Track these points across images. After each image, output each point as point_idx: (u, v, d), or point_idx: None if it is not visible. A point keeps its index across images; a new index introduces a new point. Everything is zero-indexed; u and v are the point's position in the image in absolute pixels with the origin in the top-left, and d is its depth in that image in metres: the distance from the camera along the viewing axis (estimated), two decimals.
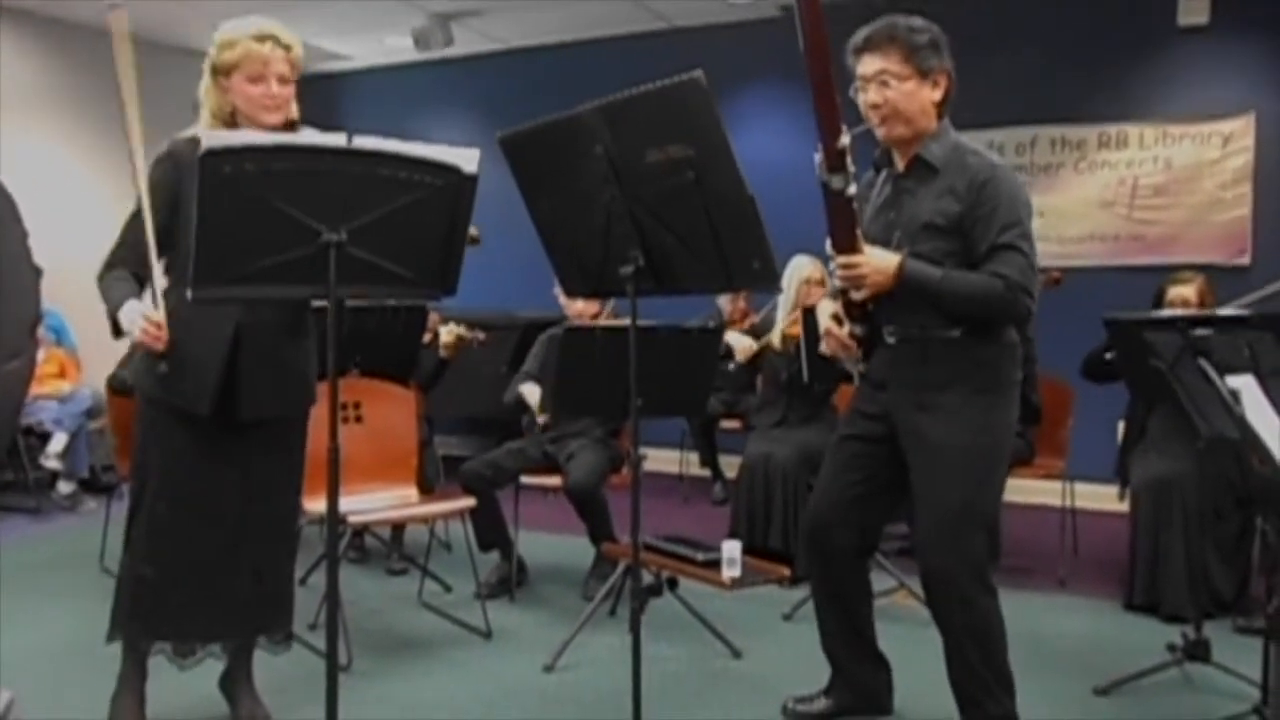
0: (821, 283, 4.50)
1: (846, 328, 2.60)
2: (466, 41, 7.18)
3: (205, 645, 2.61)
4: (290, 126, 2.49)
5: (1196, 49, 5.70)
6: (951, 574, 2.46)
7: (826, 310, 2.69)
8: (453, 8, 6.58)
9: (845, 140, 2.29)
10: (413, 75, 7.95)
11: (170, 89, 2.52)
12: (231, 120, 2.47)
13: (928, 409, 2.47)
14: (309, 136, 2.26)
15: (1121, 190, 5.88)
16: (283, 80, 2.44)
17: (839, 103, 2.27)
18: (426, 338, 4.26)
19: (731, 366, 4.63)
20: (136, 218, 2.42)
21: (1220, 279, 4.32)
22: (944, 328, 2.45)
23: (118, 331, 2.39)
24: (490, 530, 4.02)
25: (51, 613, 3.71)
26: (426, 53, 7.11)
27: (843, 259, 2.42)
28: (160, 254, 2.42)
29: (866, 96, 2.46)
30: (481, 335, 4.32)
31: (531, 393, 3.98)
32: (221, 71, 2.44)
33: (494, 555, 4.09)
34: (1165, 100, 5.76)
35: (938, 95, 2.47)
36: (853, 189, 2.36)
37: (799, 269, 4.46)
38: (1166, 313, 3.60)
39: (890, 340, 2.57)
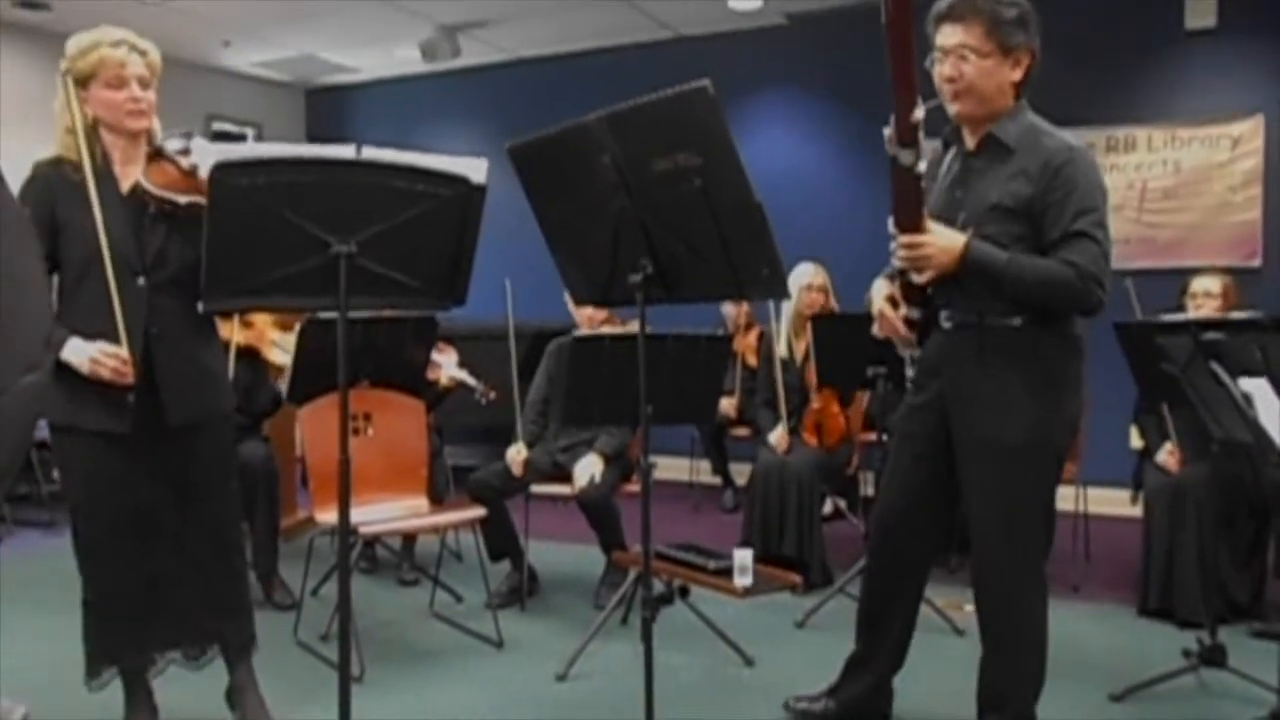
0: (823, 289, 4.49)
1: (902, 311, 2.50)
2: (474, 52, 7.21)
3: (163, 654, 2.60)
4: (149, 135, 2.46)
5: (1204, 52, 5.69)
6: (1006, 565, 2.40)
7: (881, 291, 2.57)
8: (460, 19, 6.61)
9: (919, 114, 2.16)
10: (420, 87, 7.99)
11: (177, 103, 2.54)
12: (93, 133, 2.41)
13: (982, 399, 2.37)
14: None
15: (1130, 194, 5.87)
16: (143, 84, 2.41)
17: (916, 74, 2.14)
18: (431, 373, 4.27)
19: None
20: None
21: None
22: (1004, 315, 2.34)
23: (60, 368, 2.37)
24: (501, 540, 4.02)
25: (64, 627, 3.69)
26: (434, 64, 7.15)
27: (906, 238, 2.31)
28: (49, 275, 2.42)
29: (942, 69, 2.34)
30: (493, 394, 4.35)
31: (515, 458, 3.98)
32: (79, 82, 2.39)
33: (505, 565, 4.09)
34: (1174, 103, 5.75)
35: (1018, 75, 2.36)
36: (922, 166, 2.24)
37: (799, 276, 4.45)
38: (1178, 316, 3.59)
39: (946, 325, 2.46)
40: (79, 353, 2.34)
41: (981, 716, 2.50)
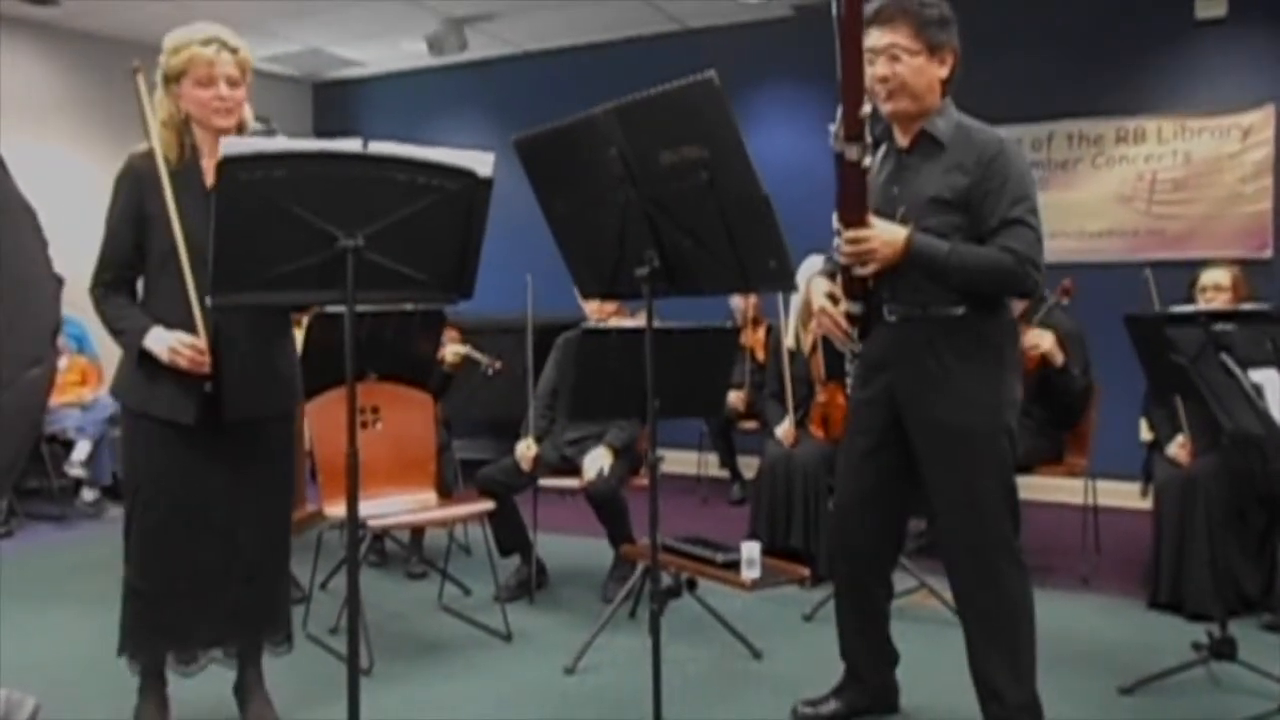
0: (833, 278, 4.48)
1: (843, 306, 2.56)
2: (480, 45, 7.20)
3: (206, 651, 2.62)
4: (240, 129, 2.49)
5: (1214, 42, 5.65)
6: (980, 548, 2.44)
7: (821, 288, 2.65)
8: (466, 12, 6.60)
9: (867, 108, 2.26)
10: (427, 80, 7.99)
11: None
12: (184, 128, 2.47)
13: (936, 388, 2.44)
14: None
15: (1140, 185, 5.84)
16: (232, 82, 2.45)
17: (864, 70, 2.25)
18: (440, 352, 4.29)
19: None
20: (114, 236, 2.47)
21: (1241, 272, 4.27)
22: (947, 305, 2.43)
23: (142, 355, 2.43)
24: (510, 535, 4.03)
25: (75, 620, 3.74)
26: (440, 57, 7.14)
27: (851, 233, 2.39)
28: (134, 268, 2.48)
29: (874, 70, 2.42)
30: (498, 364, 4.36)
31: (525, 454, 3.97)
32: (171, 78, 2.45)
33: (513, 559, 4.10)
34: (1183, 94, 5.72)
35: (944, 72, 2.45)
36: (868, 160, 2.33)
37: (811, 267, 4.44)
38: (1187, 308, 3.57)
39: (890, 319, 2.53)
40: (159, 341, 2.40)
41: (984, 706, 2.50)
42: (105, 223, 2.50)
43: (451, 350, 4.37)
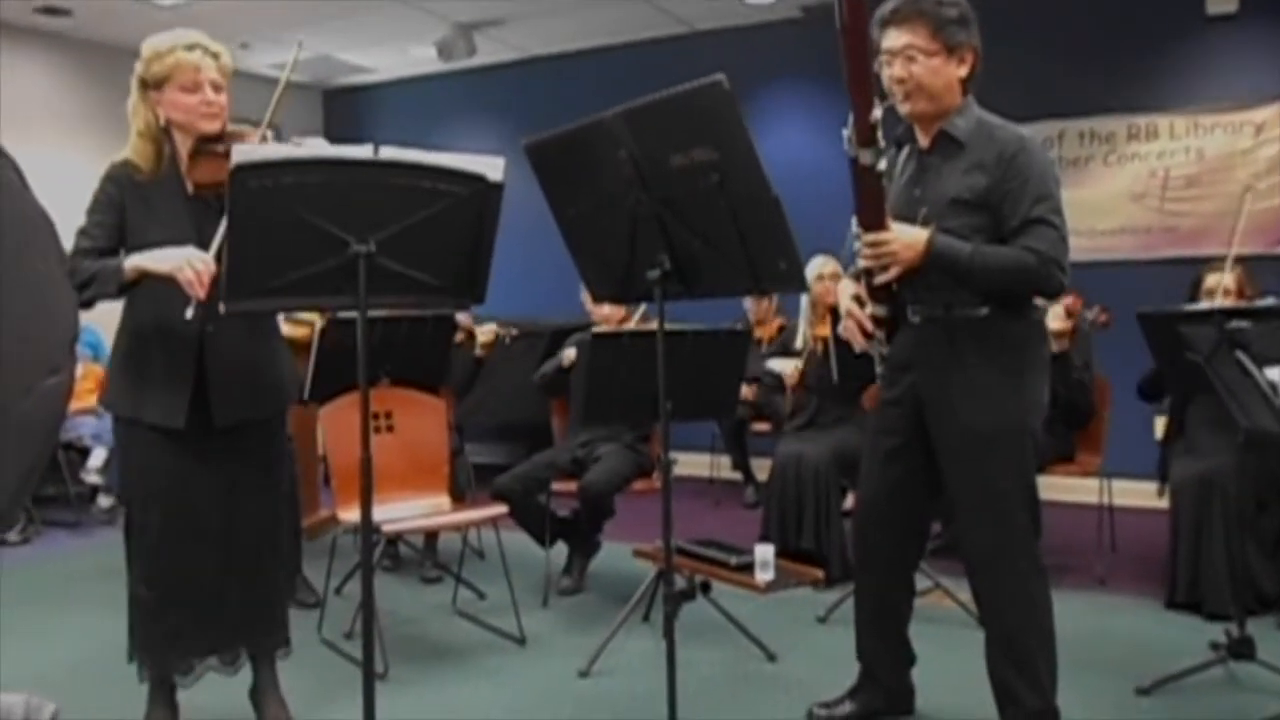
0: (836, 276, 4.48)
1: (868, 309, 2.55)
2: (489, 51, 7.22)
3: (203, 660, 2.61)
4: (220, 136, 2.47)
5: (1226, 38, 5.63)
6: (1000, 551, 2.42)
7: (847, 292, 2.64)
8: (475, 18, 6.62)
9: (877, 114, 2.24)
10: (437, 86, 8.02)
11: None
12: (163, 135, 2.46)
13: (958, 389, 2.42)
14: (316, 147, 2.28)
15: (1153, 182, 5.81)
16: (216, 87, 2.45)
17: (872, 75, 2.24)
18: (459, 337, 4.30)
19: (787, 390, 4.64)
20: (98, 224, 2.43)
21: (1255, 270, 4.25)
22: (971, 306, 2.40)
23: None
24: (539, 524, 4.05)
25: (92, 625, 3.76)
26: (450, 63, 7.17)
27: (870, 236, 2.37)
28: (114, 254, 2.44)
29: (891, 71, 2.40)
30: (514, 331, 4.39)
31: (570, 354, 3.99)
32: (152, 85, 2.43)
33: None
34: (1195, 90, 5.69)
35: (964, 72, 2.42)
36: (882, 164, 2.31)
37: (812, 268, 4.47)
38: (1202, 305, 3.55)
39: (914, 320, 2.51)
40: (164, 259, 2.27)
41: (1001, 712, 2.49)
42: (86, 215, 2.46)
43: (482, 331, 4.38)
